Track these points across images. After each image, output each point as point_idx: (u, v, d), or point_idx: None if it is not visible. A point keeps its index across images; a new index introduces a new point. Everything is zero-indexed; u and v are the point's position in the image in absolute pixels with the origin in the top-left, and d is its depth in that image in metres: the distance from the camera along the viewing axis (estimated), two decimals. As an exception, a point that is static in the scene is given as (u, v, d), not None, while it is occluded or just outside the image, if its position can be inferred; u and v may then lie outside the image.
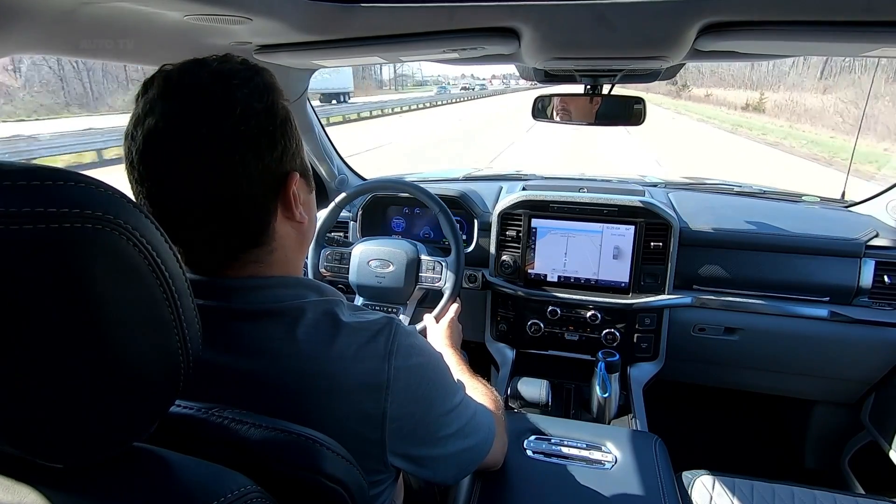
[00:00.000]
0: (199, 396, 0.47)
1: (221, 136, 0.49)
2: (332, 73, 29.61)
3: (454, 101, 36.35)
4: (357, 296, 1.37)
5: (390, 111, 24.96)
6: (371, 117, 22.52)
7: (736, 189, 1.73)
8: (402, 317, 1.31)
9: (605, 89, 1.35)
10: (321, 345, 0.52)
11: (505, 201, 1.49)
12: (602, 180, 1.72)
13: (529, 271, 1.49)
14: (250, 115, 0.50)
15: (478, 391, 0.85)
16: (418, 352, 0.57)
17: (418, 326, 1.28)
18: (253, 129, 0.50)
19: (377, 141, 13.73)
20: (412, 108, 28.20)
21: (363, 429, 0.52)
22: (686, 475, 1.12)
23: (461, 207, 1.57)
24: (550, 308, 1.48)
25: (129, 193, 0.50)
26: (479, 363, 1.65)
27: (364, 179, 1.85)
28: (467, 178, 1.85)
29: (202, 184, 0.49)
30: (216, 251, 0.53)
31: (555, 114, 1.41)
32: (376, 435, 0.52)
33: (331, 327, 0.53)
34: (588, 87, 1.34)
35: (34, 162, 0.34)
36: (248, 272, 0.55)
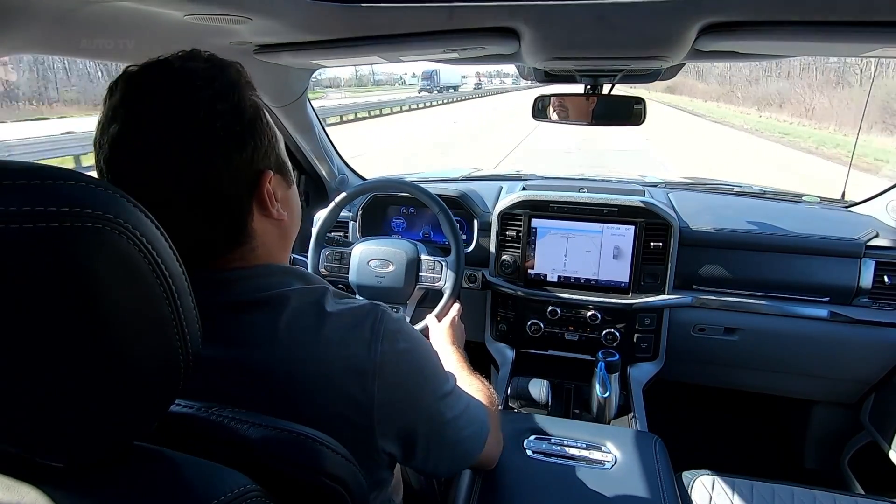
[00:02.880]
0: (189, 389, 0.46)
1: (186, 141, 0.48)
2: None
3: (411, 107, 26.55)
4: (357, 296, 1.37)
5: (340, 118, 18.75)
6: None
7: (736, 189, 1.73)
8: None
9: (606, 89, 1.35)
10: (307, 332, 0.51)
11: (505, 201, 1.49)
12: (602, 180, 1.72)
13: (529, 271, 1.49)
14: (215, 116, 0.49)
15: (474, 387, 0.85)
16: (405, 337, 0.57)
17: (419, 326, 1.28)
18: (218, 131, 0.49)
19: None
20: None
21: (352, 414, 0.51)
22: (686, 475, 1.12)
23: (461, 207, 1.57)
24: (550, 308, 1.48)
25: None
26: (479, 363, 1.65)
27: (364, 179, 1.85)
28: (467, 178, 1.85)
29: (171, 188, 0.49)
30: (196, 253, 0.52)
31: (555, 114, 1.41)
32: (365, 421, 0.52)
33: (316, 314, 0.53)
34: (588, 87, 1.34)
35: None
36: (232, 267, 0.54)
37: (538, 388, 1.32)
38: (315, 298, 0.55)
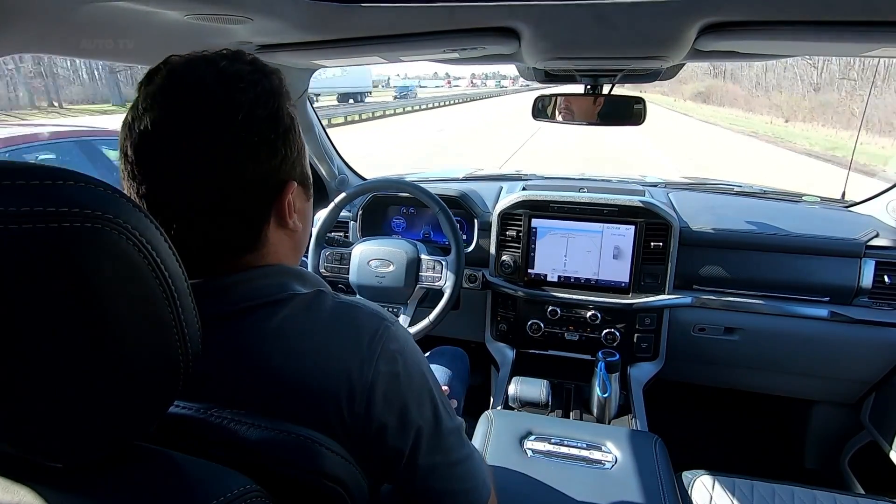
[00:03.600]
0: (185, 392, 0.45)
1: (220, 141, 0.48)
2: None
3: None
4: (357, 296, 1.37)
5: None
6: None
7: (736, 189, 1.73)
8: (402, 317, 1.31)
9: (606, 89, 1.35)
10: (301, 339, 0.50)
11: (505, 201, 1.49)
12: (602, 180, 1.72)
13: (529, 271, 1.49)
14: (253, 121, 0.49)
15: None
16: (405, 360, 0.53)
17: (418, 326, 1.28)
18: (254, 136, 0.49)
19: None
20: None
21: (339, 426, 0.49)
22: (686, 475, 1.12)
23: (461, 207, 1.57)
24: (550, 308, 1.48)
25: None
26: (480, 363, 1.65)
27: (364, 179, 1.85)
28: (467, 178, 1.85)
29: (195, 186, 0.48)
30: (206, 255, 0.51)
31: (556, 113, 1.41)
32: (349, 436, 0.49)
33: (312, 321, 0.51)
34: (588, 87, 1.34)
35: None
36: (235, 271, 0.52)
37: (538, 388, 1.32)
38: (312, 304, 0.53)
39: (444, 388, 1.22)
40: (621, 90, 1.36)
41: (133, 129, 0.48)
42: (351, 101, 27.58)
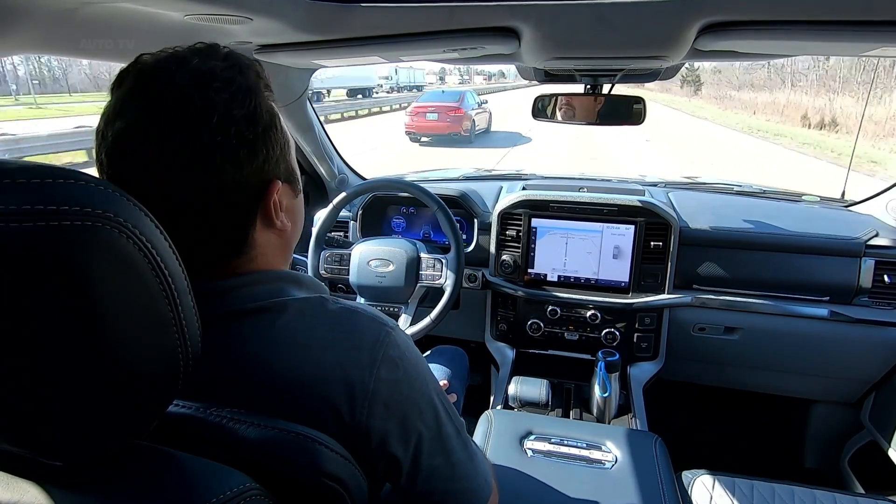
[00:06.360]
0: (182, 394, 0.44)
1: (196, 144, 0.45)
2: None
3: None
4: (358, 296, 1.37)
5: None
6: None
7: (736, 189, 1.73)
8: (403, 316, 1.31)
9: (605, 89, 1.35)
10: (300, 347, 0.48)
11: (505, 201, 1.49)
12: (602, 180, 1.72)
13: (529, 271, 1.49)
14: (229, 122, 0.46)
15: None
16: (405, 364, 0.52)
17: (418, 326, 1.28)
18: (232, 137, 0.47)
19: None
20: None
21: (337, 431, 0.48)
22: (686, 475, 1.12)
23: (461, 207, 1.57)
24: (550, 308, 1.48)
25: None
26: (479, 363, 1.65)
27: (364, 179, 1.85)
28: (467, 178, 1.85)
29: (174, 192, 0.46)
30: (191, 261, 0.47)
31: (556, 113, 1.41)
32: (348, 441, 0.48)
33: (313, 328, 0.50)
34: (588, 86, 1.34)
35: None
36: (224, 276, 0.51)
37: (538, 388, 1.32)
38: (311, 309, 0.52)
39: (443, 382, 1.22)
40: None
41: (106, 136, 0.46)
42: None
